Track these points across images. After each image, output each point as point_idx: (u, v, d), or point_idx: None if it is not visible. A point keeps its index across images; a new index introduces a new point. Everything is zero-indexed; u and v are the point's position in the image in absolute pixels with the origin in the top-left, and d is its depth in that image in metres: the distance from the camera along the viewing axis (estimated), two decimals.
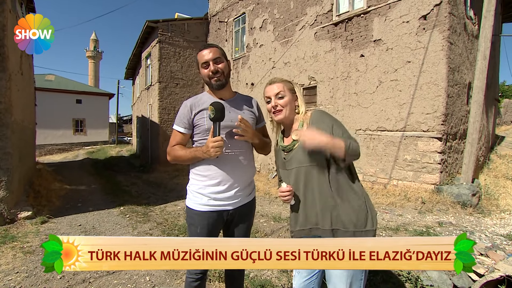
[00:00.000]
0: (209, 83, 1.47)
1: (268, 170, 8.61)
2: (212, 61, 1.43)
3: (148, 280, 2.49)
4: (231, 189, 1.45)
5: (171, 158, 1.50)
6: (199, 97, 1.52)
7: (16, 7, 5.01)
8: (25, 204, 4.39)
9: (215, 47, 1.46)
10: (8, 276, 2.56)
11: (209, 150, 1.31)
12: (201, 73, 1.49)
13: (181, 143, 1.50)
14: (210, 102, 1.42)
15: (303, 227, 1.31)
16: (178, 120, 1.49)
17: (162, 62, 10.35)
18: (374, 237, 1.23)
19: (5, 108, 4.01)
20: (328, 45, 6.81)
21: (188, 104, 1.48)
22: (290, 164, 1.35)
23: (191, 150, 1.43)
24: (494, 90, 8.62)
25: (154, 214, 4.69)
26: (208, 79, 1.45)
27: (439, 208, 4.54)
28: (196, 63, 1.53)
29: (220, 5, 10.75)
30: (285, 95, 1.37)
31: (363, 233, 1.22)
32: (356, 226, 1.22)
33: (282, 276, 2.47)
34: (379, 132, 5.85)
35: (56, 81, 22.84)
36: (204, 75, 1.46)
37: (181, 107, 1.51)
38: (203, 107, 1.46)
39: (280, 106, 1.36)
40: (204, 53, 1.45)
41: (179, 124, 1.48)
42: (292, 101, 1.39)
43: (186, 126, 1.47)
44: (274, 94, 1.37)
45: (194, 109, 1.46)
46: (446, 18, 4.93)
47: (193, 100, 1.50)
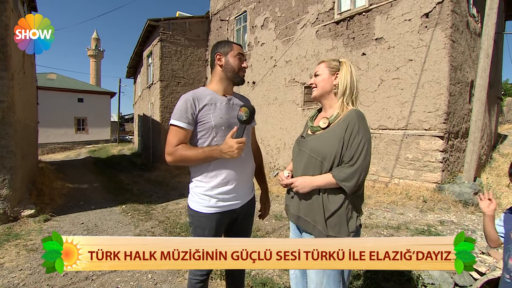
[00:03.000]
0: (234, 74, 1.44)
1: (270, 169, 8.61)
2: (245, 58, 1.47)
3: (150, 277, 2.51)
4: (238, 187, 1.43)
5: (175, 159, 1.34)
6: (199, 92, 1.42)
7: (18, 6, 5.02)
8: (28, 202, 4.43)
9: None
10: (12, 273, 2.59)
11: (234, 151, 1.25)
12: (228, 60, 1.43)
13: (184, 141, 1.36)
14: (213, 97, 1.40)
15: (296, 213, 1.34)
16: (178, 114, 1.34)
17: (163, 61, 10.35)
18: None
19: (7, 107, 4.03)
20: (330, 43, 6.79)
21: (190, 97, 1.36)
22: (304, 145, 1.33)
23: (204, 150, 1.31)
24: (497, 88, 8.57)
25: (156, 213, 4.71)
26: (236, 70, 1.44)
27: (441, 206, 4.53)
28: (222, 49, 1.45)
29: (222, 3, 10.73)
30: (321, 73, 1.34)
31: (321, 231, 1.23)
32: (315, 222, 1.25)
33: (283, 275, 2.49)
34: (380, 131, 5.83)
35: (58, 80, 22.93)
36: (235, 65, 1.43)
37: (180, 101, 1.38)
38: (206, 102, 1.38)
39: (314, 84, 1.36)
40: (241, 48, 1.48)
41: (181, 119, 1.34)
42: (327, 80, 1.32)
43: (189, 121, 1.34)
44: (314, 73, 1.38)
45: (197, 103, 1.36)
46: (449, 16, 4.89)
47: (194, 94, 1.39)
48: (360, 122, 1.21)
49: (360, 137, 1.19)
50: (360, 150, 1.18)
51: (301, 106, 7.64)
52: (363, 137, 1.19)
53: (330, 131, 1.26)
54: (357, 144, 1.18)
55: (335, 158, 1.21)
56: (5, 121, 4.01)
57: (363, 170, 1.18)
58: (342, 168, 1.19)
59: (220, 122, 1.38)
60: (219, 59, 1.44)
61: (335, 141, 1.21)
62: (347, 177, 1.17)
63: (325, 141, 1.24)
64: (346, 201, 1.22)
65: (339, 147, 1.20)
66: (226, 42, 1.48)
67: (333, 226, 1.21)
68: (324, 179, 1.21)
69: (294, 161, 1.37)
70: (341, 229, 1.20)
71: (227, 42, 1.48)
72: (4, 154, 3.99)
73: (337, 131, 1.22)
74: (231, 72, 1.43)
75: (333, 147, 1.21)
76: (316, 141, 1.27)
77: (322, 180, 1.21)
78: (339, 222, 1.21)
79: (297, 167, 1.33)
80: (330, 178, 1.19)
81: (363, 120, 1.23)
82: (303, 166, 1.29)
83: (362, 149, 1.18)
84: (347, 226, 1.21)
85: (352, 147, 1.19)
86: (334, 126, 1.25)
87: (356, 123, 1.20)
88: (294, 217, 1.34)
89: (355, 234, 1.22)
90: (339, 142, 1.20)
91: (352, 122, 1.20)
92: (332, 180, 1.19)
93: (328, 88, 1.32)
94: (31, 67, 6.90)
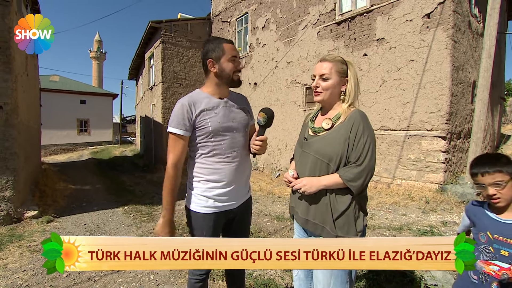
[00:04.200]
0: (230, 79, 1.41)
1: (271, 170, 8.61)
2: (238, 58, 1.42)
3: (152, 278, 2.52)
4: (235, 189, 1.45)
5: (166, 176, 1.39)
6: (194, 96, 1.41)
7: (22, 9, 5.07)
8: (31, 204, 4.45)
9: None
10: (16, 274, 2.61)
11: (160, 234, 1.38)
12: (222, 67, 1.38)
13: (183, 151, 1.38)
14: (209, 101, 1.40)
15: (305, 216, 1.32)
16: (176, 121, 1.35)
17: (165, 62, 10.40)
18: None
19: (11, 109, 4.07)
20: (331, 44, 6.79)
21: (186, 103, 1.36)
22: (308, 147, 1.31)
23: (168, 201, 1.42)
24: (499, 88, 8.52)
25: (158, 214, 4.72)
26: (231, 74, 1.40)
27: (443, 207, 4.51)
28: (213, 54, 1.38)
29: (223, 5, 10.77)
30: (330, 77, 1.26)
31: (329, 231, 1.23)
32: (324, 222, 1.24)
33: (285, 275, 2.48)
34: (382, 132, 5.82)
35: (60, 82, 23.07)
36: (230, 68, 1.39)
37: (176, 107, 1.37)
38: (203, 107, 1.37)
39: (320, 89, 1.28)
40: (234, 48, 1.40)
41: (178, 126, 1.34)
42: (337, 86, 1.27)
43: (187, 127, 1.36)
44: (319, 74, 1.28)
45: (194, 109, 1.36)
46: (450, 16, 4.88)
47: (190, 99, 1.38)
48: (364, 122, 1.21)
49: (366, 137, 1.19)
50: (366, 150, 1.18)
51: (303, 107, 7.64)
52: (368, 137, 1.19)
53: (334, 132, 1.25)
54: (363, 145, 1.18)
55: (341, 159, 1.21)
56: (8, 123, 4.04)
57: (369, 170, 1.18)
58: (349, 168, 1.19)
59: (217, 127, 1.38)
60: (212, 66, 1.39)
61: (340, 142, 1.21)
62: (354, 177, 1.17)
63: (330, 143, 1.23)
64: (353, 201, 1.22)
65: (344, 148, 1.20)
66: (217, 44, 1.39)
67: (342, 226, 1.21)
68: (331, 179, 1.21)
69: (298, 163, 1.36)
70: (350, 229, 1.20)
71: (218, 44, 1.39)
72: (7, 156, 4.02)
73: (341, 132, 1.22)
74: (226, 78, 1.41)
75: (339, 148, 1.20)
76: (321, 143, 1.26)
77: (329, 180, 1.21)
78: (347, 222, 1.21)
79: (302, 169, 1.32)
80: (337, 178, 1.19)
81: (367, 120, 1.23)
82: (308, 168, 1.28)
83: (368, 149, 1.18)
84: (355, 226, 1.21)
85: (358, 148, 1.18)
86: (338, 127, 1.24)
87: (360, 124, 1.20)
88: (302, 221, 1.32)
89: (362, 234, 1.23)
90: (344, 143, 1.20)
91: (357, 123, 1.20)
92: (339, 180, 1.19)
93: (337, 94, 1.29)
94: (34, 69, 6.95)
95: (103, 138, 23.84)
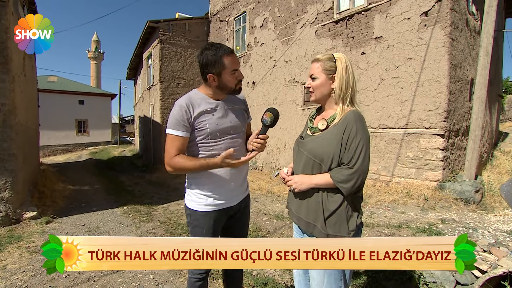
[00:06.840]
0: (232, 88, 1.40)
1: (270, 169, 8.61)
2: (239, 68, 1.42)
3: (152, 278, 2.52)
4: (235, 186, 1.48)
5: (174, 169, 1.38)
6: (192, 97, 1.40)
7: (19, 9, 5.04)
8: (30, 205, 4.44)
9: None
10: (15, 275, 2.60)
11: (229, 162, 1.34)
12: (223, 81, 1.36)
13: (182, 150, 1.39)
14: (207, 102, 1.40)
15: (298, 214, 1.34)
16: (174, 123, 1.35)
17: (163, 62, 10.37)
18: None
19: (9, 110, 4.05)
20: (329, 43, 6.79)
21: (183, 104, 1.35)
22: (303, 146, 1.32)
23: (201, 163, 1.35)
24: (497, 86, 8.55)
25: (157, 214, 4.72)
26: (233, 86, 1.39)
27: (442, 205, 4.53)
28: (214, 70, 1.35)
29: (221, 4, 10.74)
30: (318, 76, 1.28)
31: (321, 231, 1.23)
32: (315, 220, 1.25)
33: (284, 274, 2.49)
34: (381, 130, 5.83)
35: (58, 82, 23.00)
36: (231, 81, 1.38)
37: (174, 108, 1.37)
38: (201, 109, 1.38)
39: (312, 88, 1.32)
40: (235, 60, 1.38)
41: (178, 127, 1.35)
42: (325, 84, 1.27)
43: (186, 129, 1.36)
44: (309, 74, 1.32)
45: (192, 110, 1.36)
46: (448, 14, 4.89)
47: (188, 100, 1.37)
48: (358, 124, 1.20)
49: (358, 139, 1.18)
50: (359, 152, 1.17)
51: (301, 106, 7.64)
52: (361, 139, 1.18)
53: (328, 133, 1.25)
54: (355, 147, 1.17)
55: (333, 160, 1.21)
56: (6, 124, 4.03)
57: (362, 172, 1.17)
58: (340, 170, 1.19)
59: (215, 129, 1.39)
60: (213, 80, 1.37)
61: (333, 143, 1.21)
62: (345, 178, 1.17)
63: (322, 144, 1.24)
64: (345, 201, 1.22)
65: (337, 150, 1.20)
66: (217, 58, 1.33)
67: (333, 225, 1.21)
68: (323, 178, 1.21)
69: (294, 162, 1.38)
70: (341, 227, 1.20)
71: (218, 58, 1.33)
72: (5, 156, 4.01)
73: (335, 133, 1.22)
74: (227, 90, 1.41)
75: (331, 149, 1.21)
76: (314, 143, 1.27)
77: (321, 179, 1.22)
78: (338, 220, 1.21)
79: (296, 167, 1.35)
80: (329, 178, 1.20)
81: (361, 122, 1.22)
82: (302, 166, 1.30)
83: (361, 151, 1.17)
84: (347, 224, 1.21)
85: (351, 150, 1.18)
86: (332, 128, 1.25)
87: (354, 125, 1.19)
88: (295, 218, 1.34)
89: (355, 233, 1.22)
90: (337, 144, 1.20)
91: (350, 124, 1.20)
92: (330, 180, 1.19)
93: (326, 93, 1.29)
94: (32, 70, 6.92)
95: (102, 139, 23.79)
